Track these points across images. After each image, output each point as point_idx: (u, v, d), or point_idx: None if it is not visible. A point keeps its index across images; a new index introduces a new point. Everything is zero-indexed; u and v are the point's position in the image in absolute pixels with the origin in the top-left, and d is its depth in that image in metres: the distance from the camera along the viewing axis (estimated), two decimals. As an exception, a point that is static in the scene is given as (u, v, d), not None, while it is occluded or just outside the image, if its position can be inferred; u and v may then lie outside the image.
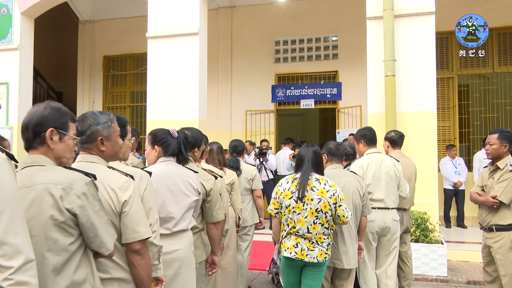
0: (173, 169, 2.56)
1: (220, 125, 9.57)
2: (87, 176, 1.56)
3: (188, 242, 2.51)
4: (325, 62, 9.22)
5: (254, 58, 9.50)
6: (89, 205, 1.51)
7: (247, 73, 9.53)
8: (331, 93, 9.01)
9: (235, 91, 9.63)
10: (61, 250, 1.47)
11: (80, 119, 1.87)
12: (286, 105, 9.45)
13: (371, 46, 5.76)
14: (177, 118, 6.19)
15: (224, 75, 9.64)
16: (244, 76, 9.55)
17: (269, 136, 9.33)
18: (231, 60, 9.66)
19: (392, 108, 5.44)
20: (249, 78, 9.51)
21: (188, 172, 2.61)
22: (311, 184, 2.93)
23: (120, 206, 1.77)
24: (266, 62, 9.47)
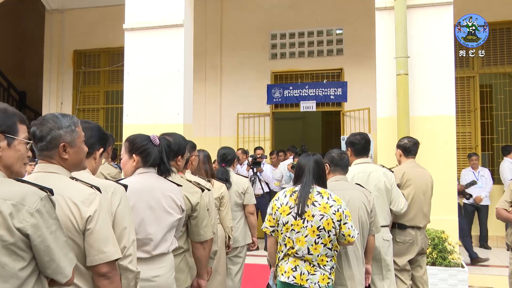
0: (154, 182, 2.55)
1: (208, 130, 9.58)
2: (43, 190, 1.52)
3: (169, 267, 2.49)
4: (328, 58, 9.28)
5: (247, 53, 9.55)
6: (44, 224, 1.47)
7: (239, 71, 9.57)
8: (335, 94, 9.07)
9: (225, 92, 9.66)
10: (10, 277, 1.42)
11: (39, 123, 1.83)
12: (283, 108, 9.49)
13: (380, 41, 5.81)
14: (159, 122, 6.18)
15: (212, 73, 9.67)
16: (236, 74, 9.59)
17: (264, 143, 9.35)
18: (220, 56, 9.70)
19: (405, 112, 5.48)
20: (241, 77, 9.55)
21: (171, 185, 2.60)
22: (312, 198, 2.93)
23: (83, 223, 1.74)
24: (261, 58, 9.52)
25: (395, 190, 3.82)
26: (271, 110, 9.47)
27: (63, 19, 10.23)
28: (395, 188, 3.83)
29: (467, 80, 8.44)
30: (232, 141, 9.23)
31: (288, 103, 9.37)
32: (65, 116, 1.88)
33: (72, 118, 1.90)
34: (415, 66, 5.63)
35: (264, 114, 9.46)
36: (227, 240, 4.14)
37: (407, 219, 4.10)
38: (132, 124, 6.28)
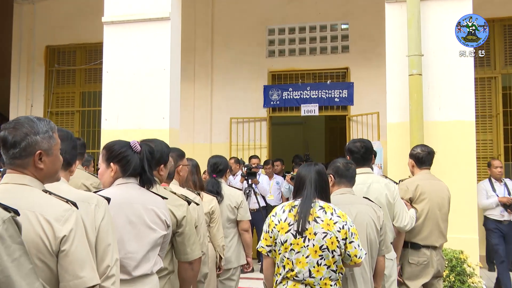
0: (135, 194, 2.54)
1: (197, 137, 9.60)
2: (6, 210, 1.48)
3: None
4: (332, 56, 9.32)
5: (242, 50, 9.58)
6: (4, 251, 1.42)
7: (232, 70, 9.60)
8: (340, 97, 9.10)
9: (217, 93, 9.68)
10: None
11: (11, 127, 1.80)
12: (282, 112, 9.50)
13: (391, 37, 5.83)
14: (141, 127, 6.17)
15: (202, 72, 9.70)
16: (228, 74, 9.62)
17: (261, 151, 9.36)
18: (211, 53, 9.73)
19: (418, 116, 5.50)
20: (234, 77, 9.58)
21: (154, 198, 2.59)
22: (314, 213, 2.92)
23: (57, 243, 1.72)
24: (257, 56, 9.56)
25: (398, 204, 3.82)
26: (268, 114, 9.48)
27: (34, 11, 10.24)
28: (399, 201, 3.83)
29: (488, 81, 8.47)
30: (224, 149, 9.23)
31: (288, 107, 9.39)
32: (42, 120, 1.86)
33: (49, 122, 1.88)
34: (429, 66, 5.65)
35: (260, 118, 9.47)
36: (218, 260, 4.12)
37: (421, 237, 4.10)
38: (111, 129, 6.27)
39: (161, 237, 2.54)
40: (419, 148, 4.30)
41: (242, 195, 4.57)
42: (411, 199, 4.15)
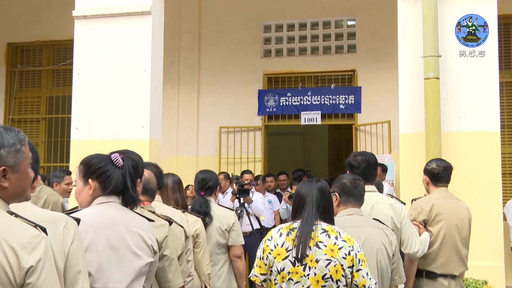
0: (117, 215, 2.52)
1: (182, 148, 9.60)
2: None
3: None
4: (337, 57, 9.38)
5: (233, 50, 9.63)
6: None
7: (222, 72, 9.63)
8: (346, 103, 9.14)
9: (205, 98, 9.70)
10: None
11: None
12: (279, 120, 9.52)
13: (404, 35, 5.86)
14: (117, 137, 6.16)
15: (188, 75, 9.73)
16: (218, 76, 9.65)
17: (254, 165, 9.38)
18: (198, 52, 9.76)
19: (435, 126, 5.51)
20: (224, 80, 9.62)
21: (139, 219, 2.58)
22: (316, 237, 2.92)
23: (22, 275, 1.68)
24: (251, 56, 9.60)
25: (406, 228, 3.81)
26: (264, 122, 9.51)
27: (-6, 3, 10.23)
28: (407, 225, 3.82)
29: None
30: (212, 163, 9.22)
31: (286, 114, 9.42)
32: (9, 130, 1.83)
33: (18, 133, 1.84)
34: (448, 68, 5.67)
35: (255, 128, 9.49)
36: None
37: (437, 265, 4.09)
38: (82, 139, 6.25)
39: (146, 264, 2.52)
40: (434, 163, 4.30)
41: (234, 216, 4.55)
42: (426, 221, 4.14)
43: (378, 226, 3.33)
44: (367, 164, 3.85)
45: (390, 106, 8.22)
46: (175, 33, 9.53)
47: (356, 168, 3.84)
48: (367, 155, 3.93)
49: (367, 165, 3.85)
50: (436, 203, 4.16)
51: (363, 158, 3.87)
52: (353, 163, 3.87)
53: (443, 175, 4.24)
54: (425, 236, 4.07)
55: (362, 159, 3.86)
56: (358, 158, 3.87)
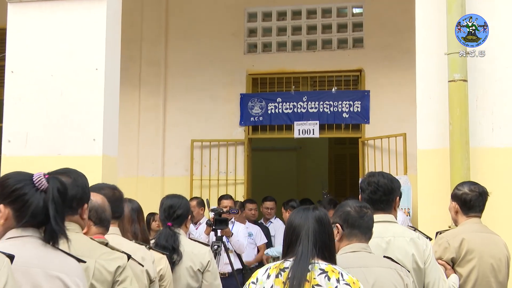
0: (33, 254, 2.40)
1: (143, 167, 9.57)
2: None
3: None
4: (339, 53, 9.42)
5: (209, 43, 9.63)
6: None
7: (195, 72, 9.63)
8: (350, 111, 9.16)
9: (173, 104, 9.70)
10: None
11: None
12: (267, 132, 9.53)
13: (423, 27, 5.87)
14: (61, 152, 6.09)
15: (152, 74, 9.71)
16: (190, 77, 9.65)
17: (235, 189, 9.37)
18: (165, 47, 9.76)
19: (463, 141, 5.50)
20: (198, 81, 9.61)
21: (63, 259, 2.47)
22: (313, 280, 2.89)
23: None
24: (231, 52, 9.62)
25: (432, 269, 3.78)
26: (247, 135, 9.53)
27: None
28: (433, 265, 3.79)
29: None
30: (182, 186, 9.20)
31: (275, 125, 9.43)
32: None
33: None
34: (478, 68, 5.68)
35: (236, 141, 9.50)
36: None
37: (468, 315, 4.08)
38: (15, 155, 6.16)
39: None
40: (466, 187, 4.29)
41: (209, 253, 4.53)
42: (454, 259, 4.13)
43: (391, 266, 3.31)
44: (385, 188, 3.84)
45: (405, 115, 8.24)
46: (136, 21, 9.52)
47: (371, 193, 3.83)
48: (385, 176, 3.91)
49: (384, 189, 3.83)
50: (466, 237, 4.14)
51: (371, 180, 3.85)
52: (361, 186, 3.86)
53: (476, 202, 4.22)
54: (454, 280, 4.05)
55: (378, 181, 3.85)
56: (373, 179, 3.85)
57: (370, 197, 3.82)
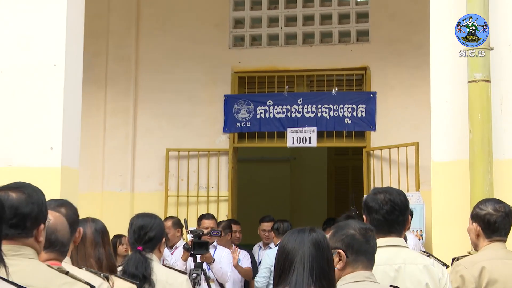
0: None
1: (110, 181, 9.56)
2: None
3: None
4: (341, 48, 9.43)
5: (187, 36, 9.64)
6: None
7: (171, 69, 9.64)
8: (353, 116, 9.16)
9: (144, 107, 9.70)
10: None
11: None
12: (255, 140, 9.55)
13: (438, 19, 5.89)
14: (12, 163, 6.06)
15: (120, 72, 9.71)
16: (165, 76, 9.66)
17: (218, 206, 9.37)
18: (136, 39, 9.76)
19: (485, 151, 5.50)
20: (175, 80, 9.62)
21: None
22: (309, 317, 2.89)
23: None
24: (214, 46, 9.62)
25: None
26: (232, 143, 9.53)
27: None
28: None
29: None
30: (156, 203, 9.18)
31: (265, 132, 9.42)
32: None
33: None
34: (504, 66, 5.70)
35: (219, 151, 9.50)
36: None
37: None
38: (-41, 167, 6.15)
39: None
40: (490, 206, 4.27)
41: (187, 283, 4.52)
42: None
43: (402, 299, 3.31)
44: (392, 207, 3.81)
45: (418, 122, 8.26)
46: (102, 10, 9.52)
47: (376, 212, 3.81)
48: (392, 193, 3.89)
49: (391, 208, 3.81)
50: (488, 265, 4.14)
51: (386, 198, 3.83)
52: (372, 205, 3.84)
53: (502, 224, 4.20)
54: None
55: (385, 198, 3.82)
56: (380, 197, 3.84)
57: (385, 218, 3.79)
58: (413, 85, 8.60)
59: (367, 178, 9.11)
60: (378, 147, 9.04)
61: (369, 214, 3.85)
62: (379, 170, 9.00)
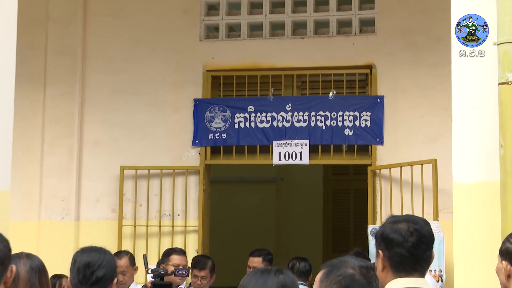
0: None
1: (49, 207, 9.53)
2: None
3: None
4: (340, 41, 9.48)
5: (149, 26, 9.69)
6: None
7: (129, 66, 9.67)
8: (355, 126, 9.19)
9: (94, 115, 9.71)
10: None
11: None
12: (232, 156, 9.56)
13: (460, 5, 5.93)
14: None
15: (63, 69, 9.70)
16: (119, 75, 9.68)
17: (185, 238, 9.38)
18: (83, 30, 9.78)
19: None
20: (132, 80, 9.64)
21: None
22: None
23: None
24: (181, 37, 9.67)
25: None
26: (204, 160, 9.55)
27: None
28: None
29: None
30: (107, 234, 9.21)
31: (244, 145, 9.45)
32: None
33: None
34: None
35: (187, 169, 9.52)
36: None
37: None
38: None
39: None
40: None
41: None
42: None
43: None
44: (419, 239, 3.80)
45: (436, 133, 8.31)
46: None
47: (399, 246, 3.78)
48: (417, 222, 3.88)
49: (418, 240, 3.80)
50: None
51: (411, 228, 3.81)
52: (393, 237, 3.81)
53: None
54: None
55: (409, 228, 3.81)
56: (401, 227, 3.82)
57: (411, 253, 3.78)
58: (430, 87, 8.65)
59: (372, 203, 9.13)
60: (386, 165, 9.07)
61: (389, 249, 3.80)
62: (387, 193, 9.01)
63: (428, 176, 8.62)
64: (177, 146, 9.56)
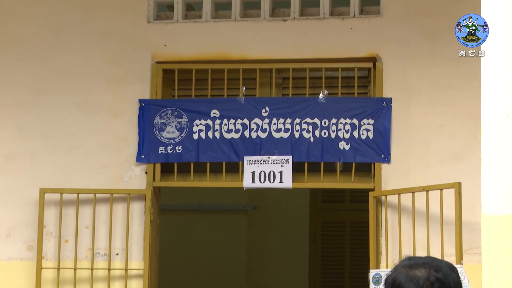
0: None
1: None
2: None
3: None
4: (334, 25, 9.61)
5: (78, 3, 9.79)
6: None
7: (49, 56, 9.78)
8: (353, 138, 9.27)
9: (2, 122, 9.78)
10: None
11: None
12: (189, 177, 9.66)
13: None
14: None
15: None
16: (38, 67, 9.79)
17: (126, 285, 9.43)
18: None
19: None
20: (54, 75, 9.75)
21: None
22: None
23: None
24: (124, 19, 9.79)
25: None
26: (151, 181, 9.67)
27: None
28: None
29: None
30: (21, 278, 9.32)
31: (206, 162, 9.54)
32: None
33: None
34: None
35: (129, 194, 9.60)
36: None
37: None
38: None
39: None
40: None
41: None
42: None
43: None
44: None
45: (459, 148, 8.45)
46: None
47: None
48: (440, 268, 3.94)
49: None
50: None
51: (432, 276, 3.96)
52: (407, 286, 3.98)
53: None
54: None
55: (429, 276, 3.95)
56: (418, 274, 3.95)
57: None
58: (451, 87, 8.81)
59: (375, 241, 9.22)
60: (394, 190, 9.15)
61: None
62: (395, 227, 9.08)
63: (449, 205, 8.70)
64: (116, 162, 9.66)
